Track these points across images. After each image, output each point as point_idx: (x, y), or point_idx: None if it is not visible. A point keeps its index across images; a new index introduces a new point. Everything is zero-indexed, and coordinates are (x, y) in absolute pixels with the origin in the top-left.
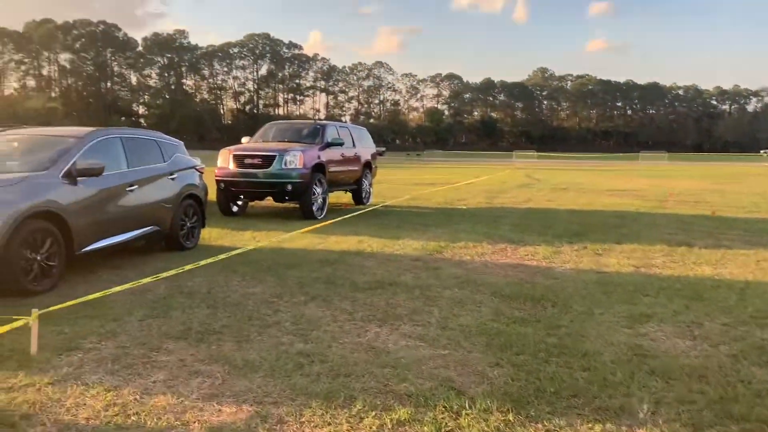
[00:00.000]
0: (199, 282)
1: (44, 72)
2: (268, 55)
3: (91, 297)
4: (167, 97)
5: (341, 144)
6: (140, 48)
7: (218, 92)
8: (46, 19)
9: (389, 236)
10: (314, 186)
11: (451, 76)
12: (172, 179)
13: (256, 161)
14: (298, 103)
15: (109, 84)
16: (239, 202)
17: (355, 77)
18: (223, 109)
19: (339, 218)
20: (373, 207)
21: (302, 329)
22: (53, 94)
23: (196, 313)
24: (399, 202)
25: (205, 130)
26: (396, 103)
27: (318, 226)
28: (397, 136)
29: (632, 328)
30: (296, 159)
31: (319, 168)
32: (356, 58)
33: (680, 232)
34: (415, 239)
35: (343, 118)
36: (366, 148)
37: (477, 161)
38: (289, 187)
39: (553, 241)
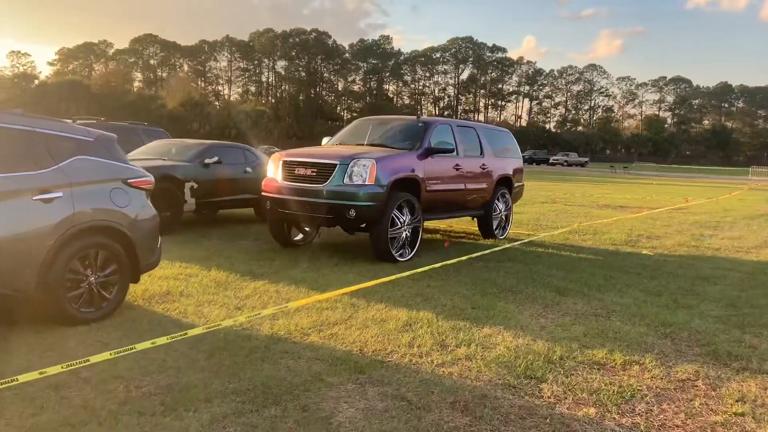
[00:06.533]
0: None
1: (263, 78)
2: (470, 59)
3: None
4: (368, 101)
5: (451, 151)
6: (347, 54)
7: (418, 97)
8: (268, 29)
9: (471, 316)
10: (396, 212)
11: (677, 80)
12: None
13: (309, 172)
14: (498, 108)
15: (318, 89)
16: (307, 228)
17: (563, 81)
18: (422, 114)
19: (429, 265)
20: (508, 244)
21: None
22: (272, 99)
23: None
24: (553, 237)
25: None
26: (609, 110)
27: (382, 280)
28: (607, 145)
29: None
30: (365, 171)
31: (409, 185)
32: (570, 63)
33: None
34: (515, 330)
35: (546, 125)
36: (503, 158)
37: (699, 178)
38: (352, 213)
39: None
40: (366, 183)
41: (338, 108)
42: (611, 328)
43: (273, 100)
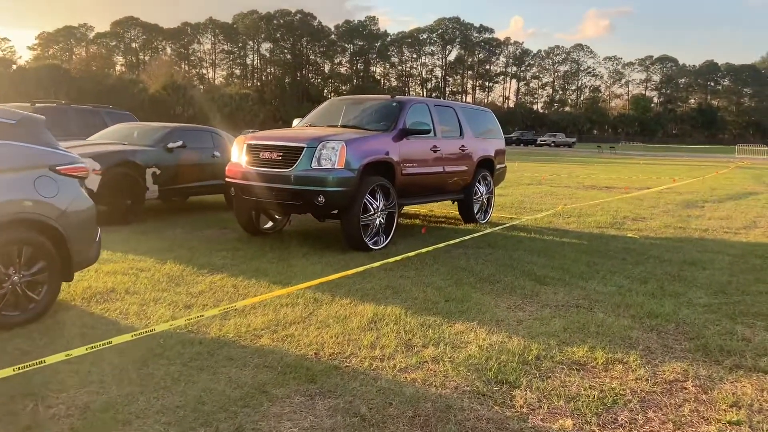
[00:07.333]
0: None
1: (248, 61)
2: (457, 40)
3: None
4: (355, 83)
5: (427, 132)
6: (333, 36)
7: (406, 79)
8: (252, 11)
9: (444, 310)
10: (369, 197)
11: (663, 59)
12: None
13: (275, 156)
14: (486, 90)
15: (304, 72)
16: (277, 216)
17: (550, 62)
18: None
19: (404, 254)
20: (489, 229)
21: None
22: (257, 82)
23: None
24: (536, 220)
25: None
26: (596, 90)
27: (351, 272)
28: (594, 125)
29: None
30: (335, 154)
31: (383, 168)
32: (557, 44)
33: None
34: (489, 325)
35: (534, 106)
36: (484, 139)
37: (686, 157)
38: (321, 199)
39: None
40: (335, 167)
41: (325, 91)
42: (593, 321)
43: (258, 83)
